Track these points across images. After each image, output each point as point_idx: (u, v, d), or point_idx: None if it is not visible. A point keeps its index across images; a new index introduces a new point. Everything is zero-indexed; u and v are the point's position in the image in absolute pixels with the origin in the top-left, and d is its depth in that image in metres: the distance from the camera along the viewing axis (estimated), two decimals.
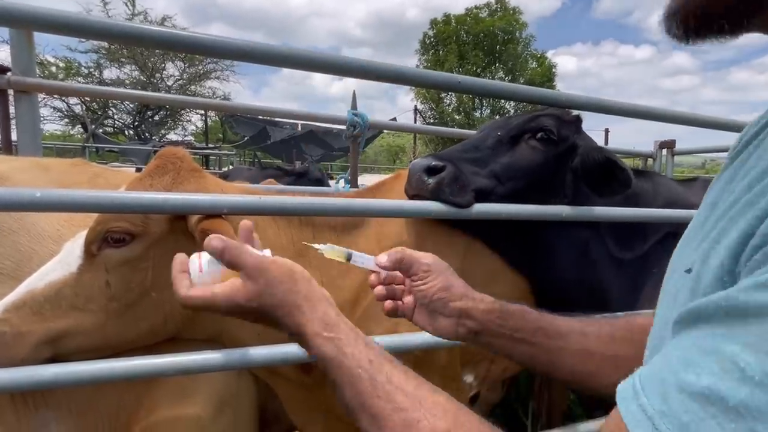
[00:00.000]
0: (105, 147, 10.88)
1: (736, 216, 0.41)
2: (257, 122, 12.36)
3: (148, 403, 1.25)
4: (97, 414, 1.20)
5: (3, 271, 1.29)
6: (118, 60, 18.50)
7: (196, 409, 1.28)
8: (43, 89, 1.91)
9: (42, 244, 1.35)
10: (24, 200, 0.87)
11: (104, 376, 1.02)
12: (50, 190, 0.90)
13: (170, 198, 1.03)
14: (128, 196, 0.97)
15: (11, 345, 1.00)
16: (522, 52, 33.07)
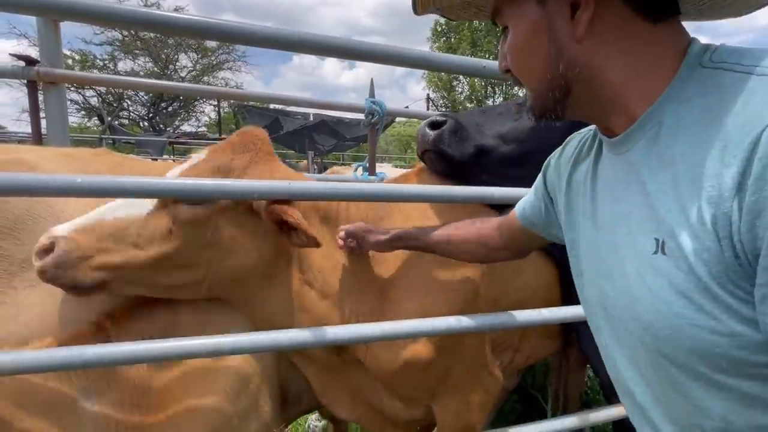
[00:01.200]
0: (121, 138, 11.03)
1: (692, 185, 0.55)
2: (269, 113, 12.38)
3: (172, 381, 1.31)
4: (130, 389, 1.26)
5: None
6: (132, 52, 18.65)
7: (217, 388, 1.34)
8: (72, 80, 1.95)
9: None
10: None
11: (143, 357, 1.06)
12: (95, 177, 0.93)
13: (203, 184, 1.06)
14: (161, 182, 1.00)
15: (74, 265, 1.10)
16: None
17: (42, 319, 1.30)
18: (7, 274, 1.30)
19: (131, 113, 19.87)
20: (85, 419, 1.18)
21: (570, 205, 0.84)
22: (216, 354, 1.15)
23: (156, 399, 1.29)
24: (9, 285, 1.29)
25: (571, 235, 0.84)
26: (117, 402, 1.23)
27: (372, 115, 2.33)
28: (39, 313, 1.31)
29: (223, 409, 1.34)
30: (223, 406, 1.33)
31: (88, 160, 1.64)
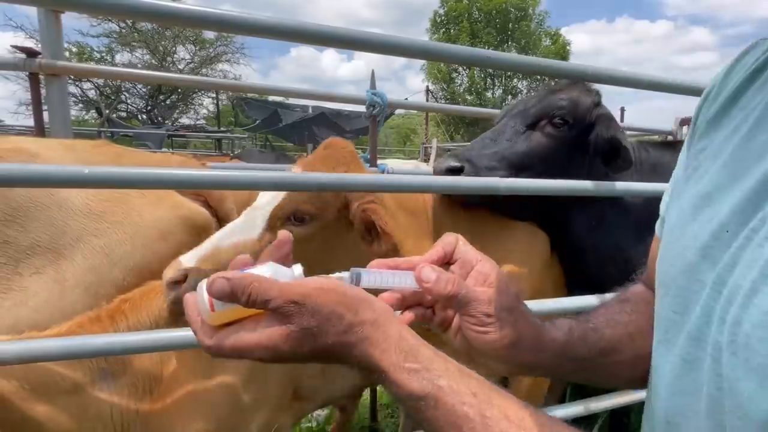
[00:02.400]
0: (120, 131, 11.00)
1: None
2: (269, 105, 12.34)
3: (181, 370, 1.33)
4: (143, 373, 1.29)
5: (41, 244, 1.36)
6: (129, 44, 18.53)
7: (224, 378, 1.36)
8: (74, 72, 1.95)
9: (74, 219, 1.42)
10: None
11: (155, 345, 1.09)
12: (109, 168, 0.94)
13: (231, 175, 1.08)
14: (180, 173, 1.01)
15: None
16: (535, 29, 32.32)
17: (50, 305, 1.32)
18: (13, 260, 1.32)
19: (129, 106, 19.79)
20: (103, 399, 1.21)
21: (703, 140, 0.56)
22: None
23: (165, 386, 1.31)
24: (15, 272, 1.32)
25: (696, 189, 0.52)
26: (131, 385, 1.26)
27: (373, 106, 2.33)
28: (47, 299, 1.33)
29: (230, 399, 1.36)
30: (229, 397, 1.36)
31: (89, 151, 1.65)
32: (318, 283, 0.50)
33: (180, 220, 1.58)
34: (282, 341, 0.48)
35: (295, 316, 0.47)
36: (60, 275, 1.35)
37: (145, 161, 1.72)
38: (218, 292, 0.47)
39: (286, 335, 0.48)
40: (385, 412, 3.06)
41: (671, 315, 0.50)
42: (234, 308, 0.49)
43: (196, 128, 13.76)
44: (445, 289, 0.58)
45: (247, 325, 0.49)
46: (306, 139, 11.10)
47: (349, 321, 0.48)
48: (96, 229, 1.41)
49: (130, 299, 1.32)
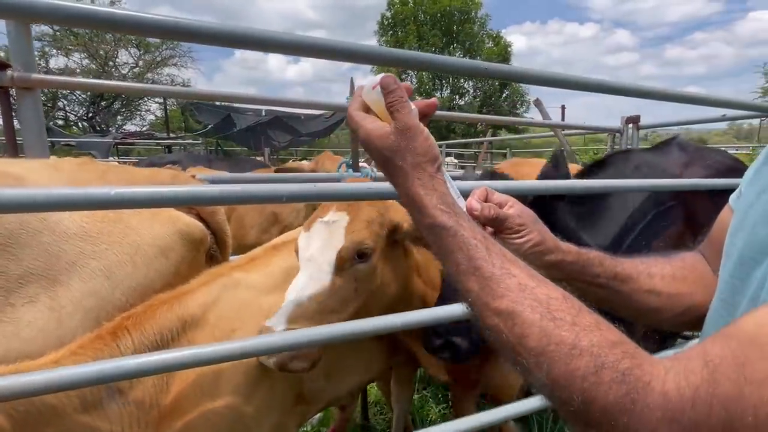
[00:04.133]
0: (60, 141, 10.26)
1: None
2: (220, 109, 11.96)
3: (186, 381, 1.31)
4: (149, 388, 1.26)
5: (35, 271, 1.29)
6: (65, 48, 17.29)
7: (230, 388, 1.36)
8: (49, 84, 1.83)
9: (69, 242, 1.35)
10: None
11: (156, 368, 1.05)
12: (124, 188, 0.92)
13: (225, 189, 1.06)
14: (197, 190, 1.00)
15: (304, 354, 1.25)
16: (478, 31, 33.31)
17: (46, 335, 1.25)
18: (4, 291, 1.24)
19: (68, 113, 18.48)
20: (113, 416, 1.19)
21: None
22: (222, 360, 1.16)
23: (171, 399, 1.29)
24: (7, 302, 1.24)
25: None
26: (139, 401, 1.24)
27: None
28: (41, 329, 1.26)
29: (236, 408, 1.35)
30: (235, 406, 1.35)
31: (75, 170, 1.58)
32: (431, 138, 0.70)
33: (178, 236, 1.54)
34: (380, 130, 0.70)
35: (401, 136, 0.68)
36: (56, 302, 1.28)
37: (132, 177, 1.65)
38: (386, 78, 0.70)
39: (387, 131, 0.70)
40: (374, 410, 3.09)
41: (731, 281, 0.64)
42: (381, 103, 0.72)
43: (144, 135, 13.07)
44: (489, 213, 0.80)
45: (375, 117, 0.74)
46: (262, 143, 10.87)
47: (422, 159, 0.68)
48: (93, 252, 1.35)
49: (132, 315, 1.30)
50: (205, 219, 1.74)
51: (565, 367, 0.50)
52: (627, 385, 0.47)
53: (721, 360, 0.46)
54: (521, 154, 12.90)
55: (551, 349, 0.52)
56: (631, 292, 0.85)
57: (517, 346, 0.55)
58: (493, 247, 0.62)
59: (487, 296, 0.58)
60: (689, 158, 2.23)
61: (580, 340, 0.51)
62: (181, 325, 1.32)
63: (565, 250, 0.84)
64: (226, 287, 1.46)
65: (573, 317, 0.53)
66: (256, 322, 1.41)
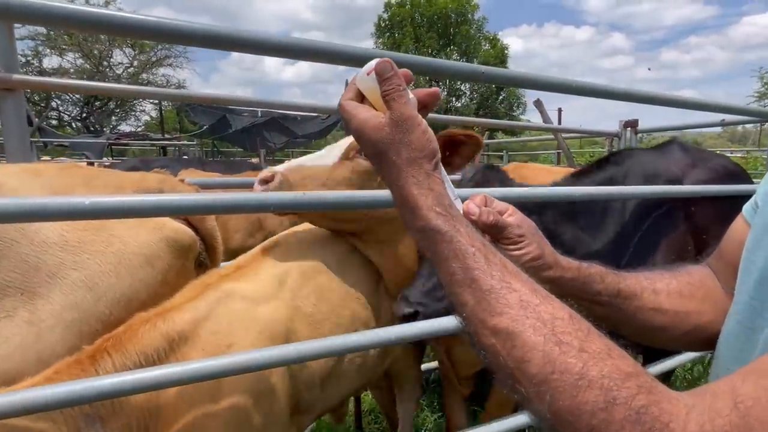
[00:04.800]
0: (53, 141, 10.15)
1: None
2: (215, 110, 11.89)
3: (181, 401, 1.24)
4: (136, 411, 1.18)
5: (11, 284, 1.23)
6: (59, 47, 17.14)
7: (227, 406, 1.29)
8: (31, 85, 1.77)
9: (48, 253, 1.29)
10: None
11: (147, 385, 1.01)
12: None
13: (199, 198, 1.01)
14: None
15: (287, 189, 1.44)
16: (475, 34, 33.38)
17: (24, 350, 1.19)
18: None
19: (62, 113, 18.33)
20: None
21: None
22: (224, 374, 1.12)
23: (165, 422, 1.22)
24: None
25: None
26: (124, 427, 1.16)
27: None
28: (19, 345, 1.20)
29: (238, 427, 1.29)
30: (237, 425, 1.29)
31: (56, 175, 1.52)
32: (430, 132, 0.64)
33: (165, 243, 1.47)
34: (374, 120, 0.64)
35: (396, 127, 0.62)
36: (35, 316, 1.22)
37: (120, 182, 1.59)
38: (382, 63, 0.65)
39: (381, 122, 0.63)
40: (368, 419, 3.04)
41: (751, 302, 0.59)
42: (376, 91, 0.66)
43: (138, 135, 12.98)
44: (488, 219, 0.73)
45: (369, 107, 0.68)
46: (258, 144, 10.81)
47: (418, 155, 0.62)
48: (74, 262, 1.29)
49: (112, 336, 1.21)
50: (194, 225, 1.68)
51: (571, 400, 0.44)
52: (642, 425, 0.41)
53: (754, 402, 0.40)
54: (518, 156, 12.89)
55: (555, 378, 0.45)
56: (635, 310, 0.78)
57: (516, 372, 0.48)
58: (493, 256, 0.56)
59: (483, 312, 0.52)
60: (692, 160, 2.19)
61: (589, 370, 0.45)
62: (168, 343, 1.24)
63: (564, 266, 0.78)
64: (217, 300, 1.38)
65: (581, 342, 0.47)
66: (255, 333, 1.36)
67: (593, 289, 0.78)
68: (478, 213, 0.73)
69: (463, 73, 1.28)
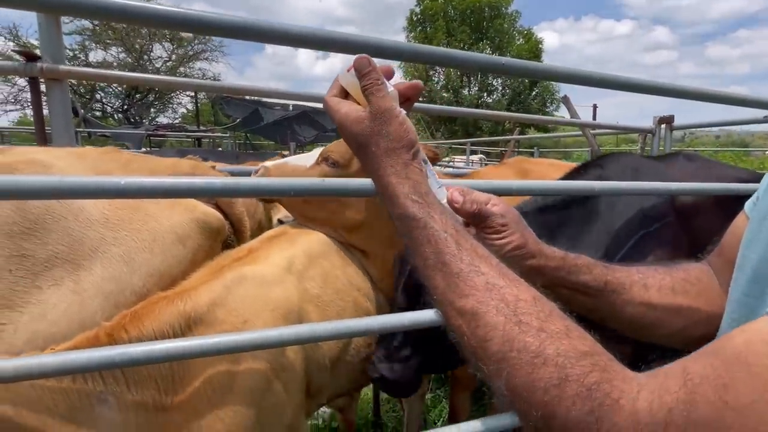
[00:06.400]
0: (97, 132, 10.65)
1: None
2: (248, 104, 12.16)
3: (196, 382, 1.29)
4: (151, 390, 1.23)
5: (59, 256, 1.34)
6: (103, 42, 17.92)
7: (242, 388, 1.33)
8: (76, 75, 1.90)
9: (91, 229, 1.40)
10: None
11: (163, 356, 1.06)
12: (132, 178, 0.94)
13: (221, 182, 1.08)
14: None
15: None
16: (509, 28, 32.75)
17: (69, 317, 1.30)
18: (31, 274, 1.29)
19: (105, 105, 19.18)
20: (103, 423, 1.16)
21: None
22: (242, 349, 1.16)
23: (180, 400, 1.27)
24: (33, 284, 1.29)
25: None
26: (139, 404, 1.21)
27: None
28: (65, 312, 1.31)
29: (252, 406, 1.34)
30: (252, 404, 1.33)
31: (99, 159, 1.63)
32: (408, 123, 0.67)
33: (195, 224, 1.57)
34: (354, 114, 0.67)
35: (375, 120, 0.65)
36: (79, 286, 1.33)
37: (155, 167, 1.70)
38: (359, 60, 0.68)
39: (361, 115, 0.67)
40: (387, 407, 3.10)
41: (745, 299, 0.58)
42: (357, 86, 0.69)
43: (175, 127, 13.44)
44: (471, 207, 0.76)
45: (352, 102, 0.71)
46: (288, 137, 11.00)
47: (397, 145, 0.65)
48: (114, 238, 1.39)
49: (130, 313, 1.27)
50: (223, 209, 1.77)
51: (527, 376, 0.47)
52: (592, 401, 0.43)
53: (701, 379, 0.41)
54: (550, 153, 12.63)
55: (513, 355, 0.48)
56: (622, 303, 0.79)
57: (479, 350, 0.51)
58: (464, 241, 0.58)
59: (452, 294, 0.54)
60: (694, 169, 1.92)
61: (545, 348, 0.47)
62: (185, 321, 1.29)
63: (548, 255, 0.80)
64: (232, 281, 1.43)
65: (541, 322, 0.49)
66: (268, 313, 1.42)
67: (579, 280, 0.79)
68: (461, 201, 0.76)
69: (484, 65, 1.30)
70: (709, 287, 0.78)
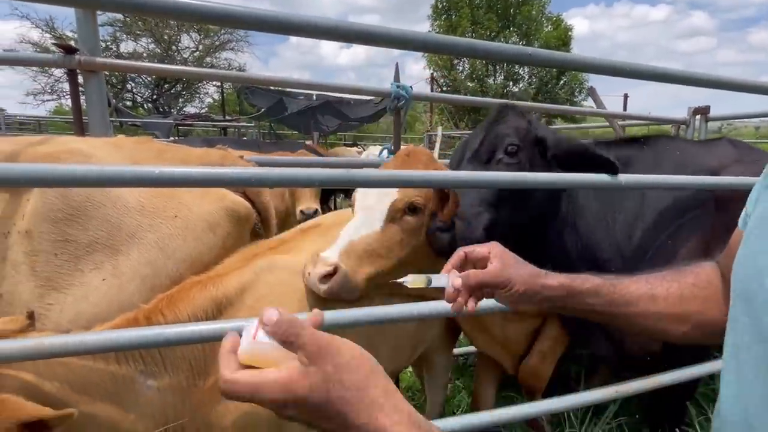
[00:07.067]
0: (128, 121, 10.96)
1: None
2: (273, 93, 12.26)
3: None
4: (185, 371, 1.29)
5: (99, 241, 1.41)
6: (134, 33, 18.38)
7: None
8: (112, 68, 1.98)
9: (128, 216, 1.47)
10: None
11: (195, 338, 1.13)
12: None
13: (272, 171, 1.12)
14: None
15: (351, 279, 1.35)
16: (537, 14, 31.89)
17: (109, 299, 1.38)
18: (74, 258, 1.37)
19: (135, 95, 19.73)
20: (144, 398, 1.23)
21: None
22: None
23: (211, 382, 1.32)
24: (76, 268, 1.37)
25: None
26: (174, 381, 1.28)
27: (398, 99, 2.37)
28: (105, 294, 1.38)
29: None
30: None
31: (134, 148, 1.70)
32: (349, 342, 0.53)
33: (225, 212, 1.63)
34: (299, 383, 0.49)
35: (319, 363, 0.49)
36: (117, 270, 1.40)
37: (186, 156, 1.76)
38: (265, 318, 0.51)
39: (306, 378, 0.49)
40: (406, 396, 3.14)
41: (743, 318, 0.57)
42: (268, 355, 0.52)
43: (201, 117, 13.71)
44: (474, 283, 0.83)
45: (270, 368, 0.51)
46: (312, 127, 11.07)
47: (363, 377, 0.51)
48: (150, 225, 1.46)
49: (166, 296, 1.33)
50: (250, 198, 1.83)
51: None
52: None
53: None
54: None
55: None
56: (632, 315, 0.83)
57: None
58: None
59: None
60: (737, 155, 1.92)
61: None
62: (216, 306, 1.35)
63: (551, 286, 0.85)
64: (263, 269, 1.48)
65: None
66: (296, 302, 1.47)
67: (586, 303, 0.85)
68: (459, 285, 0.84)
69: (508, 55, 1.30)
70: (718, 289, 0.79)
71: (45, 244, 1.32)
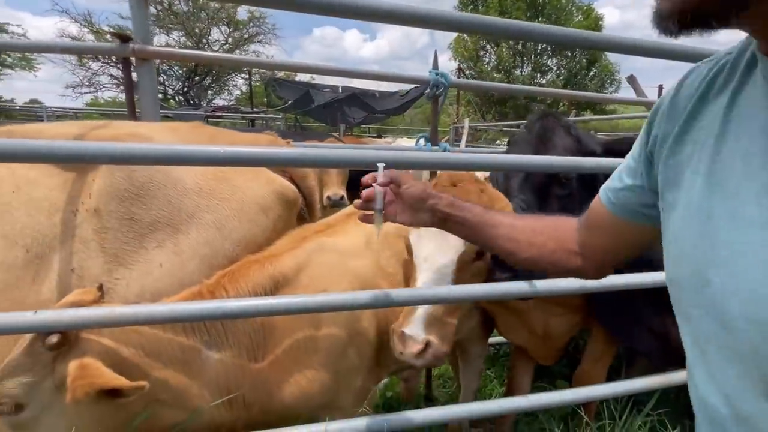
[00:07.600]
0: (161, 113, 11.24)
1: None
2: (299, 86, 12.35)
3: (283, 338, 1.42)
4: (245, 342, 1.38)
5: (161, 219, 1.48)
6: (166, 26, 18.76)
7: (329, 344, 1.46)
8: (162, 56, 2.05)
9: (188, 197, 1.53)
10: None
11: (260, 310, 1.19)
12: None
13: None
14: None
15: (441, 349, 1.35)
16: (567, 3, 31.09)
17: (171, 275, 1.45)
18: (139, 235, 1.44)
19: (167, 87, 20.18)
20: (208, 367, 1.32)
21: (676, 155, 0.64)
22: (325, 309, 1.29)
23: (269, 353, 1.42)
24: (141, 245, 1.44)
25: (669, 197, 0.65)
26: (235, 353, 1.37)
27: (437, 86, 2.37)
28: (168, 271, 1.45)
29: (332, 365, 1.46)
30: (331, 363, 1.46)
31: (189, 133, 1.77)
32: None
33: (275, 195, 1.68)
34: None
35: None
36: (178, 248, 1.47)
37: (236, 140, 1.82)
38: None
39: None
40: (437, 383, 3.17)
41: (691, 311, 0.60)
42: None
43: (230, 109, 13.94)
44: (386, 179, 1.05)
45: None
46: (338, 119, 11.12)
47: None
48: (207, 206, 1.52)
49: (228, 273, 1.42)
50: (296, 183, 1.88)
51: None
52: None
53: None
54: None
55: None
56: (491, 235, 1.00)
57: None
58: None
59: None
60: None
61: None
62: (273, 283, 1.43)
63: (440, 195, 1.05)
64: (314, 250, 1.55)
65: None
66: (346, 282, 1.52)
67: (462, 215, 1.03)
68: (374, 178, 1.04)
69: (557, 39, 1.30)
70: (564, 234, 0.94)
71: (113, 221, 1.39)
